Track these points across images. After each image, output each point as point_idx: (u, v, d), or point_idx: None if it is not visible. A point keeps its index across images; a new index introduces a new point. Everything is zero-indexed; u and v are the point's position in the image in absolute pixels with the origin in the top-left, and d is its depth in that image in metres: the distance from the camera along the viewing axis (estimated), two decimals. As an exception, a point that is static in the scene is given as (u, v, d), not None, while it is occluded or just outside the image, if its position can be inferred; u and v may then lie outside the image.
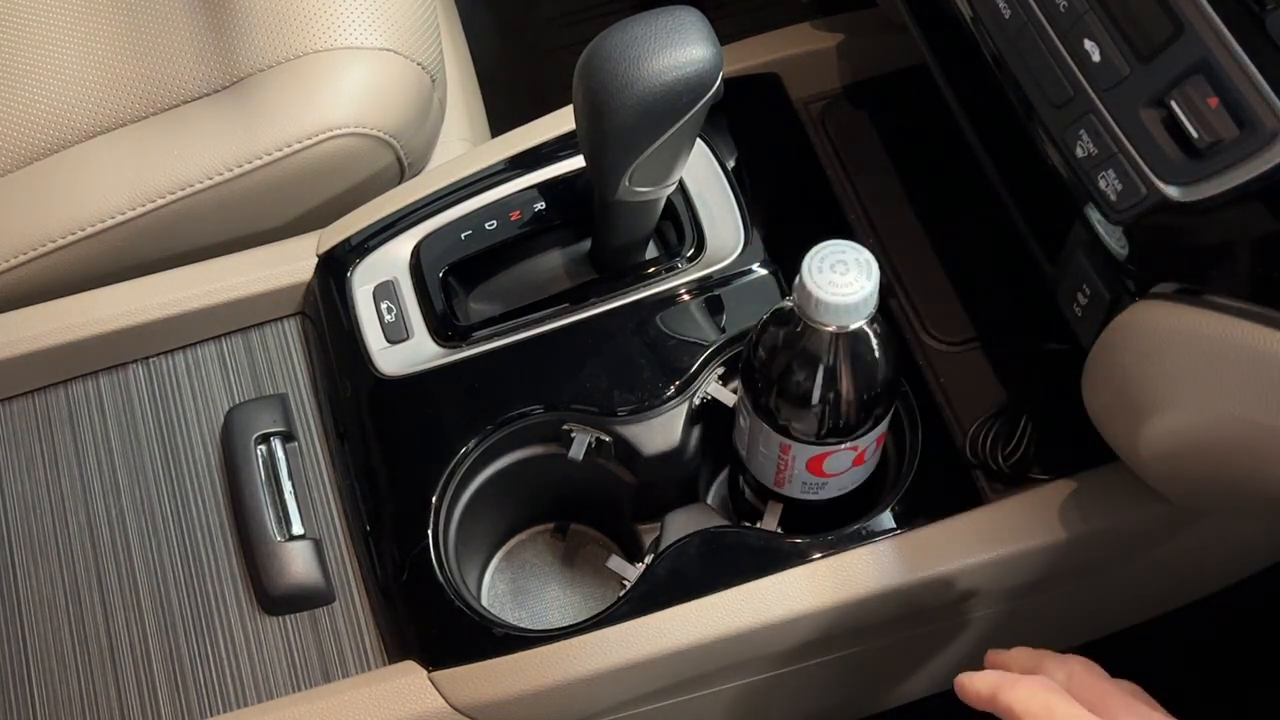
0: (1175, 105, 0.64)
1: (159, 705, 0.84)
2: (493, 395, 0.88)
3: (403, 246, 0.94)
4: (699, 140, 0.90)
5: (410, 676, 0.81)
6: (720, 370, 0.88)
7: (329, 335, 0.93)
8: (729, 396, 0.86)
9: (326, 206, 1.01)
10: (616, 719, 0.87)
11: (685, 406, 0.87)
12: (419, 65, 1.02)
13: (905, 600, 0.83)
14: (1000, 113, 0.79)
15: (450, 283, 0.93)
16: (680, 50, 0.77)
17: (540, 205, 0.94)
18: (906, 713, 1.04)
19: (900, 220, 0.96)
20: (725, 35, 0.82)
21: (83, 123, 1.01)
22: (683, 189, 0.94)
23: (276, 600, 0.86)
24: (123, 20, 1.03)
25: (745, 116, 0.98)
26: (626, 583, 0.85)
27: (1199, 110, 0.63)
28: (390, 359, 0.90)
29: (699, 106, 0.79)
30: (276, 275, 0.96)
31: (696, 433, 0.88)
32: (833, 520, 0.84)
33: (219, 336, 0.96)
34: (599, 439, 0.87)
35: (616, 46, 0.77)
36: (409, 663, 0.82)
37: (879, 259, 0.72)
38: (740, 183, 0.95)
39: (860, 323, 0.72)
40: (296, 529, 0.87)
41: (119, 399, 0.95)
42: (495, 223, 0.93)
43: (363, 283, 0.93)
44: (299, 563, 0.86)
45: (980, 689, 0.66)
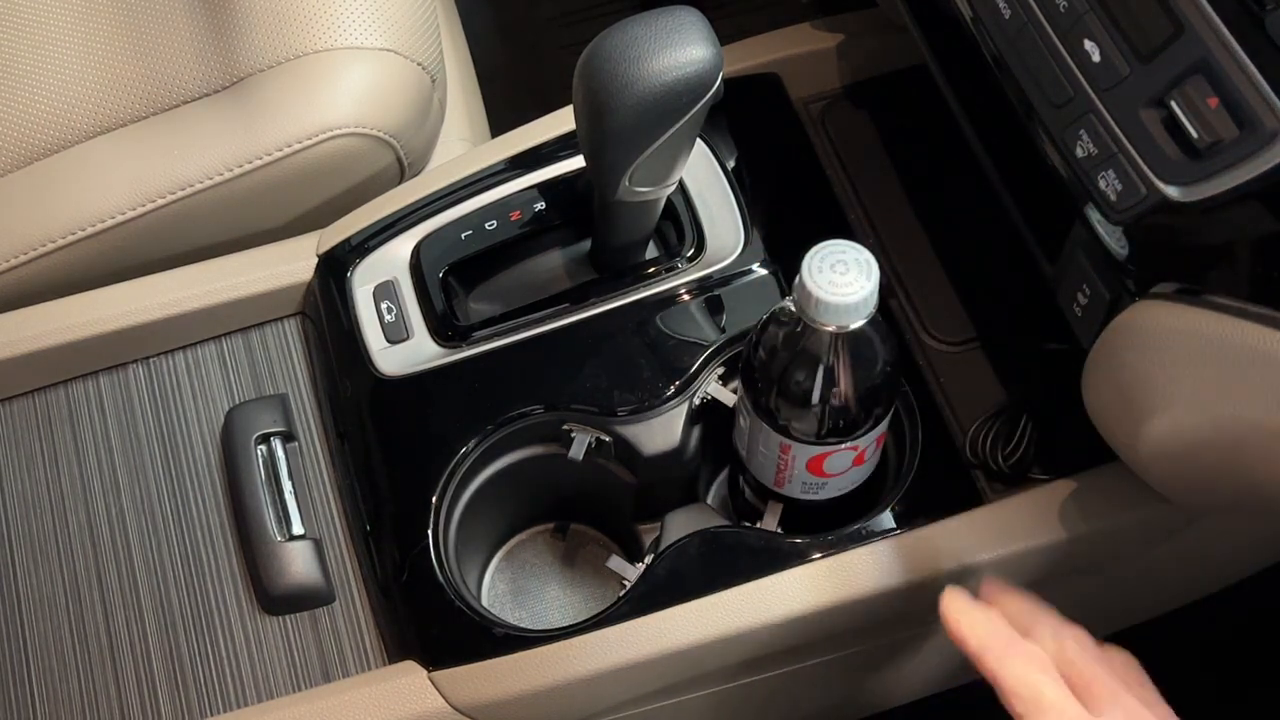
0: (1175, 105, 0.64)
1: (159, 705, 0.84)
2: (493, 395, 0.88)
3: (403, 246, 0.94)
4: (699, 140, 0.90)
5: (410, 676, 0.82)
6: (720, 370, 0.88)
7: (329, 335, 0.93)
8: (729, 396, 0.86)
9: (326, 206, 1.01)
10: (616, 719, 0.87)
11: (685, 406, 0.87)
12: (419, 65, 1.02)
13: (905, 600, 0.83)
14: (1000, 113, 0.79)
15: (450, 283, 0.93)
16: (680, 50, 0.77)
17: (540, 205, 0.94)
18: (907, 713, 1.04)
19: (900, 220, 0.96)
20: (725, 35, 0.82)
21: (83, 123, 1.01)
22: (683, 189, 0.94)
23: (276, 600, 0.86)
24: (123, 20, 1.03)
25: (745, 116, 0.98)
26: (626, 583, 0.85)
27: (1199, 110, 0.63)
28: (390, 359, 0.90)
29: (699, 106, 0.79)
30: (276, 275, 0.96)
31: (696, 433, 0.88)
32: (833, 520, 0.84)
33: (219, 336, 0.96)
34: (599, 439, 0.87)
35: (616, 46, 0.77)
36: (409, 663, 0.82)
37: (879, 259, 0.72)
38: (740, 183, 0.95)
39: (860, 323, 0.72)
40: (296, 529, 0.87)
41: (119, 399, 0.95)
42: (495, 223, 0.93)
43: (363, 283, 0.93)
44: (299, 563, 0.86)
45: (969, 639, 0.62)
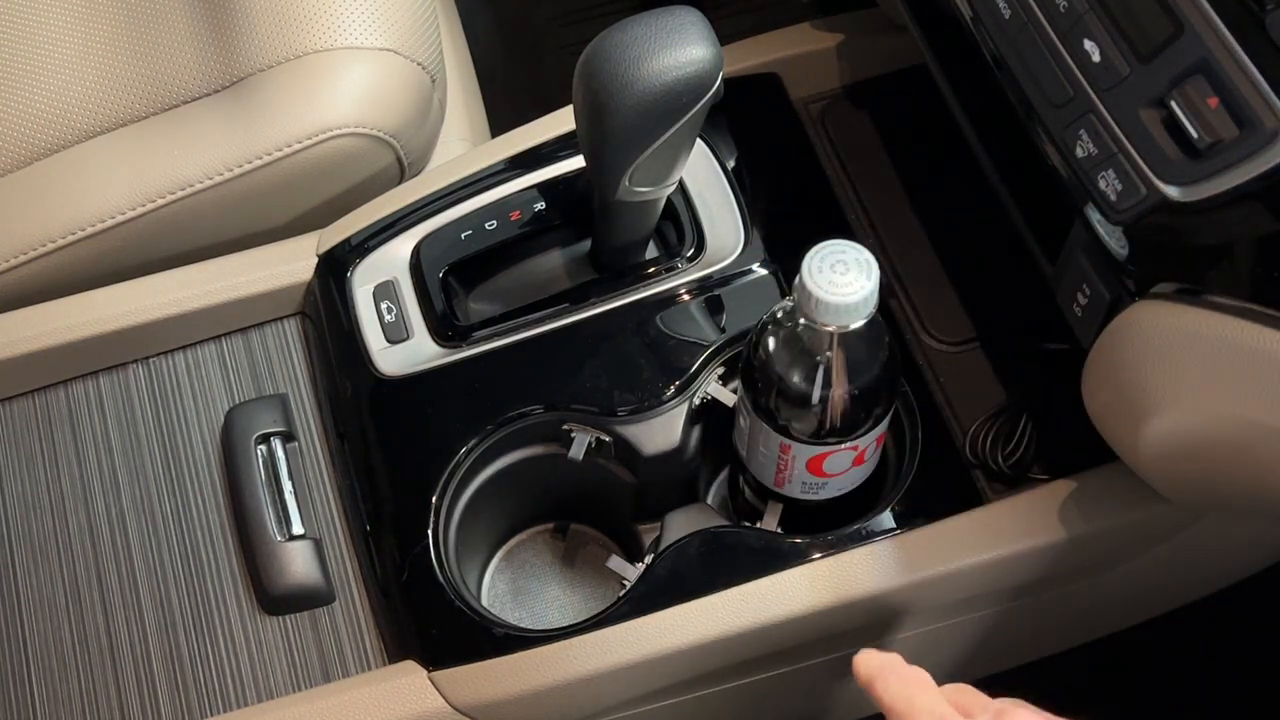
0: (1175, 105, 0.64)
1: (159, 705, 0.84)
2: (493, 395, 0.88)
3: (403, 246, 0.94)
4: (699, 140, 0.90)
5: (410, 676, 0.81)
6: (720, 370, 0.88)
7: (329, 335, 0.93)
8: (729, 396, 0.86)
9: (326, 206, 1.01)
10: (616, 719, 0.87)
11: (685, 406, 0.87)
12: (419, 65, 1.02)
13: (905, 600, 0.83)
14: (1000, 113, 0.79)
15: (450, 283, 0.93)
16: (680, 50, 0.77)
17: (540, 205, 0.94)
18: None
19: (900, 220, 0.96)
20: (725, 35, 0.82)
21: (83, 123, 1.01)
22: (683, 189, 0.94)
23: (276, 600, 0.86)
24: (123, 20, 1.03)
25: (745, 116, 0.98)
26: (626, 583, 0.85)
27: (1199, 110, 0.63)
28: (390, 359, 0.90)
29: (699, 106, 0.79)
30: (276, 275, 0.96)
31: (696, 433, 0.88)
32: (833, 520, 0.84)
33: (219, 336, 0.96)
34: (599, 439, 0.87)
35: (616, 46, 0.77)
36: (409, 663, 0.82)
37: (879, 259, 0.72)
38: (740, 183, 0.95)
39: (860, 323, 0.72)
40: (296, 529, 0.87)
41: (119, 399, 0.95)
42: (495, 223, 0.93)
43: (363, 283, 0.93)
44: (299, 563, 0.86)
45: (861, 671, 0.67)
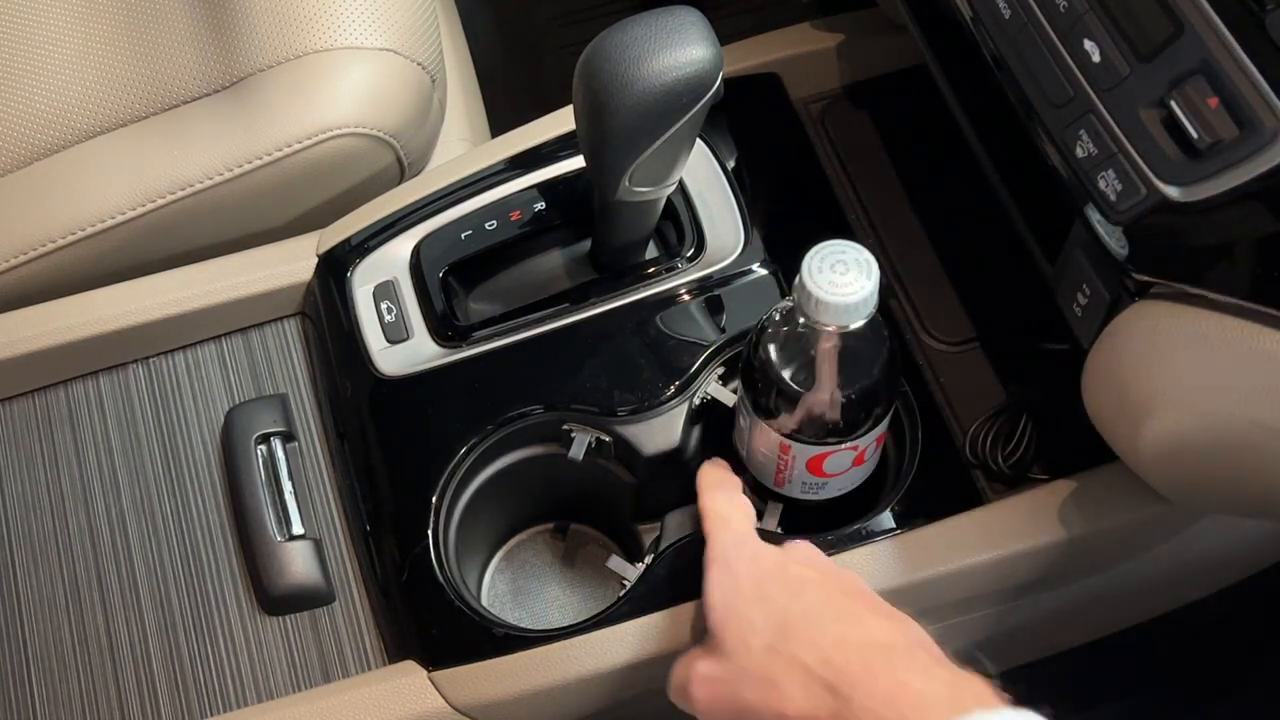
0: (1175, 105, 0.64)
1: (159, 705, 0.84)
2: (493, 395, 0.88)
3: (403, 246, 0.94)
4: (699, 140, 0.90)
5: (410, 676, 0.81)
6: (720, 370, 0.88)
7: (329, 335, 0.93)
8: (729, 396, 0.86)
9: (326, 206, 1.01)
10: (616, 719, 0.87)
11: (685, 406, 0.87)
12: (419, 65, 1.02)
13: (905, 600, 0.83)
14: (1000, 113, 0.79)
15: (450, 283, 0.93)
16: (680, 50, 0.77)
17: (540, 205, 0.94)
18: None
19: (900, 220, 0.96)
20: (725, 35, 0.82)
21: (83, 123, 1.01)
22: (683, 189, 0.94)
23: (276, 600, 0.86)
24: (123, 20, 1.03)
25: (745, 116, 0.98)
26: (626, 583, 0.85)
27: (1199, 110, 0.63)
28: (390, 359, 0.90)
29: (699, 106, 0.79)
30: (276, 275, 0.96)
31: (696, 433, 0.88)
32: (833, 520, 0.84)
33: (219, 336, 0.96)
34: (599, 439, 0.87)
35: (616, 46, 0.77)
36: (409, 663, 0.82)
37: (879, 259, 0.72)
38: (740, 183, 0.95)
39: (860, 322, 0.72)
40: (296, 529, 0.87)
41: (119, 399, 0.95)
42: (495, 223, 0.93)
43: (363, 283, 0.93)
44: (299, 563, 0.86)
45: (700, 476, 0.77)
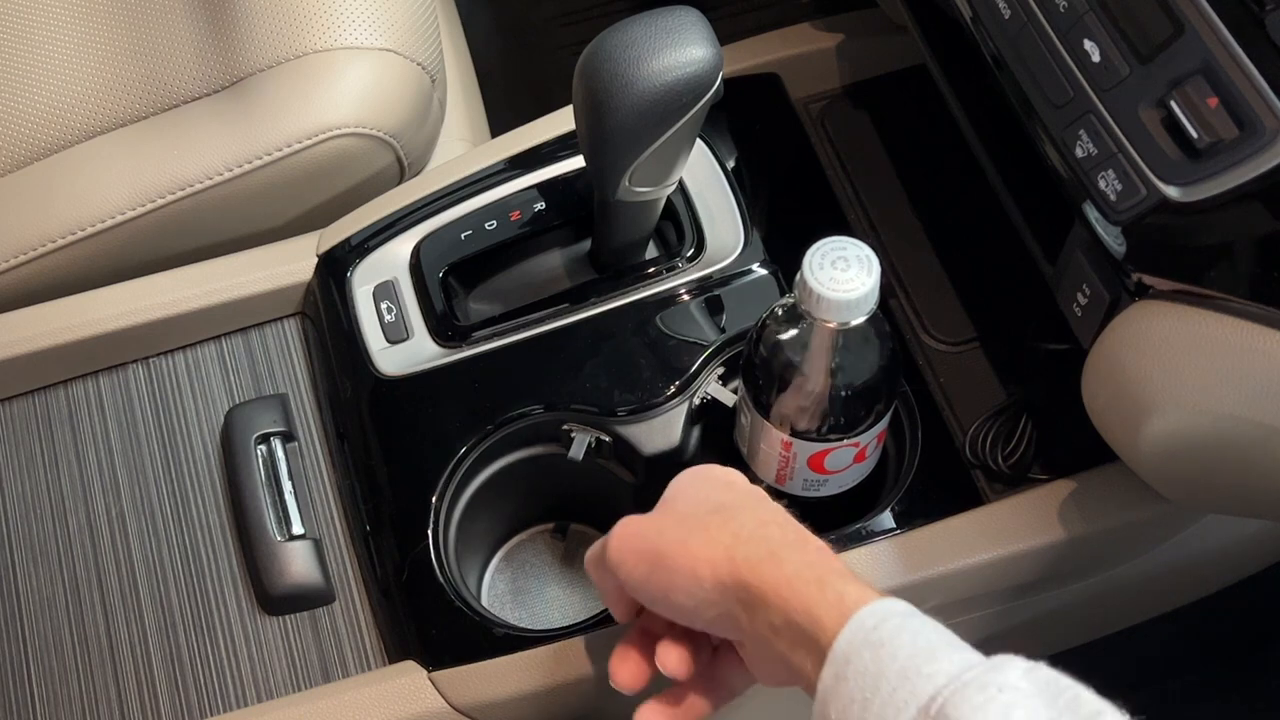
0: (1175, 105, 0.64)
1: (159, 705, 0.84)
2: (493, 395, 0.88)
3: (403, 246, 0.94)
4: (699, 140, 0.90)
5: (410, 676, 0.81)
6: (720, 370, 0.88)
7: (329, 335, 0.93)
8: (729, 396, 0.86)
9: (326, 206, 1.01)
10: (617, 718, 0.87)
11: (685, 406, 0.87)
12: (419, 65, 1.02)
13: (905, 600, 0.83)
14: (1000, 113, 0.79)
15: (450, 283, 0.93)
16: (680, 50, 0.77)
17: (540, 205, 0.94)
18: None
19: (900, 220, 0.96)
20: (725, 35, 0.82)
21: (83, 123, 1.01)
22: (683, 189, 0.94)
23: (276, 600, 0.86)
24: (123, 20, 1.03)
25: (745, 116, 0.98)
26: (626, 583, 0.85)
27: (1199, 110, 0.63)
28: (390, 359, 0.90)
29: (699, 106, 0.79)
30: (276, 275, 0.96)
31: (696, 433, 0.88)
32: (833, 520, 0.84)
33: (219, 336, 0.96)
34: (599, 439, 0.87)
35: (616, 46, 0.77)
36: (409, 663, 0.82)
37: (879, 259, 0.72)
38: (740, 183, 0.95)
39: (861, 319, 0.72)
40: (296, 529, 0.87)
41: (119, 399, 0.95)
42: (495, 223, 0.93)
43: (363, 283, 0.93)
44: (299, 563, 0.86)
45: (588, 560, 0.74)
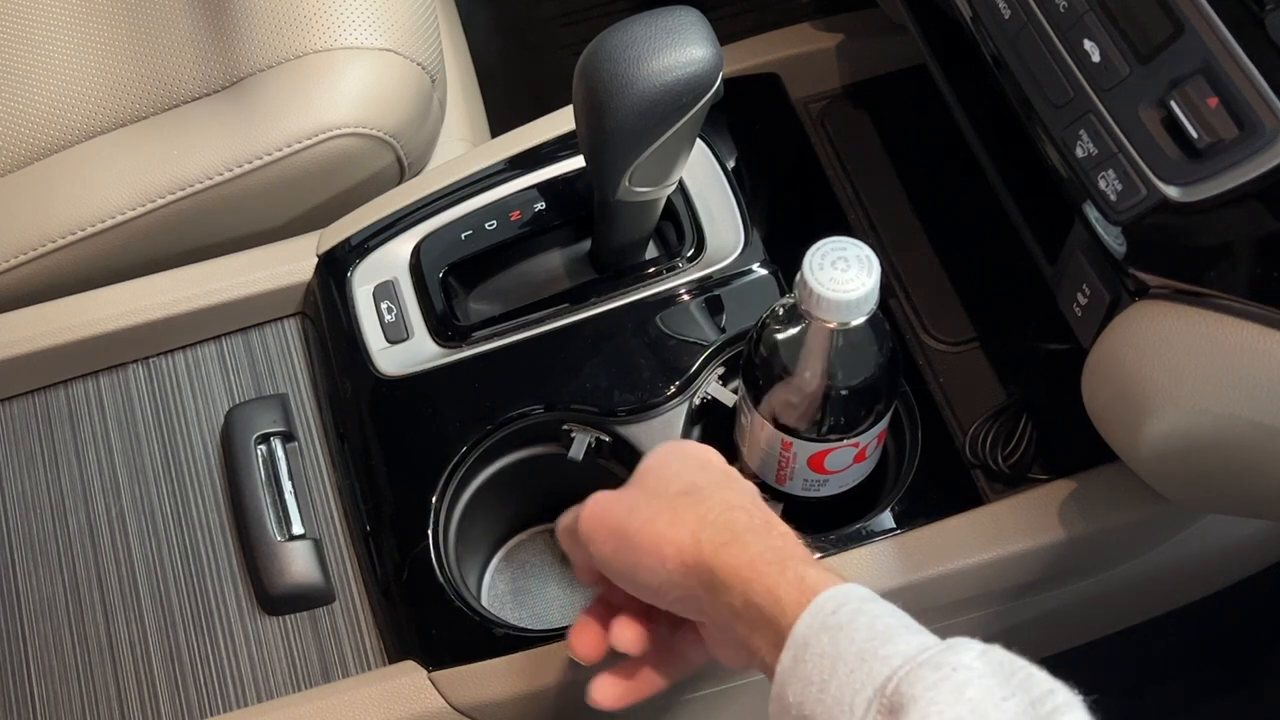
0: (1175, 105, 0.64)
1: (159, 705, 0.84)
2: (493, 395, 0.88)
3: (403, 246, 0.94)
4: (699, 140, 0.90)
5: (410, 676, 0.82)
6: (720, 370, 0.88)
7: (329, 335, 0.93)
8: (729, 396, 0.86)
9: (326, 206, 1.01)
10: (617, 718, 0.87)
11: (685, 406, 0.87)
12: (419, 65, 1.02)
13: (905, 601, 0.82)
14: (1000, 113, 0.79)
15: (450, 283, 0.93)
16: (680, 50, 0.77)
17: (540, 205, 0.94)
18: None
19: (900, 220, 0.96)
20: (725, 35, 0.82)
21: (83, 123, 1.01)
22: (683, 189, 0.94)
23: (276, 600, 0.86)
24: (123, 20, 1.03)
25: (745, 116, 0.98)
26: (626, 583, 0.85)
27: (1199, 110, 0.63)
28: (390, 359, 0.90)
29: (699, 106, 0.79)
30: (276, 275, 0.96)
31: (696, 433, 0.88)
32: (833, 520, 0.84)
33: (219, 336, 0.96)
34: (599, 439, 0.87)
35: (616, 46, 0.77)
36: (409, 663, 0.82)
37: (879, 258, 0.72)
38: (740, 183, 0.95)
39: (861, 319, 0.72)
40: (296, 529, 0.87)
41: (119, 399, 0.95)
42: (495, 223, 0.93)
43: (363, 283, 0.93)
44: (299, 563, 0.86)
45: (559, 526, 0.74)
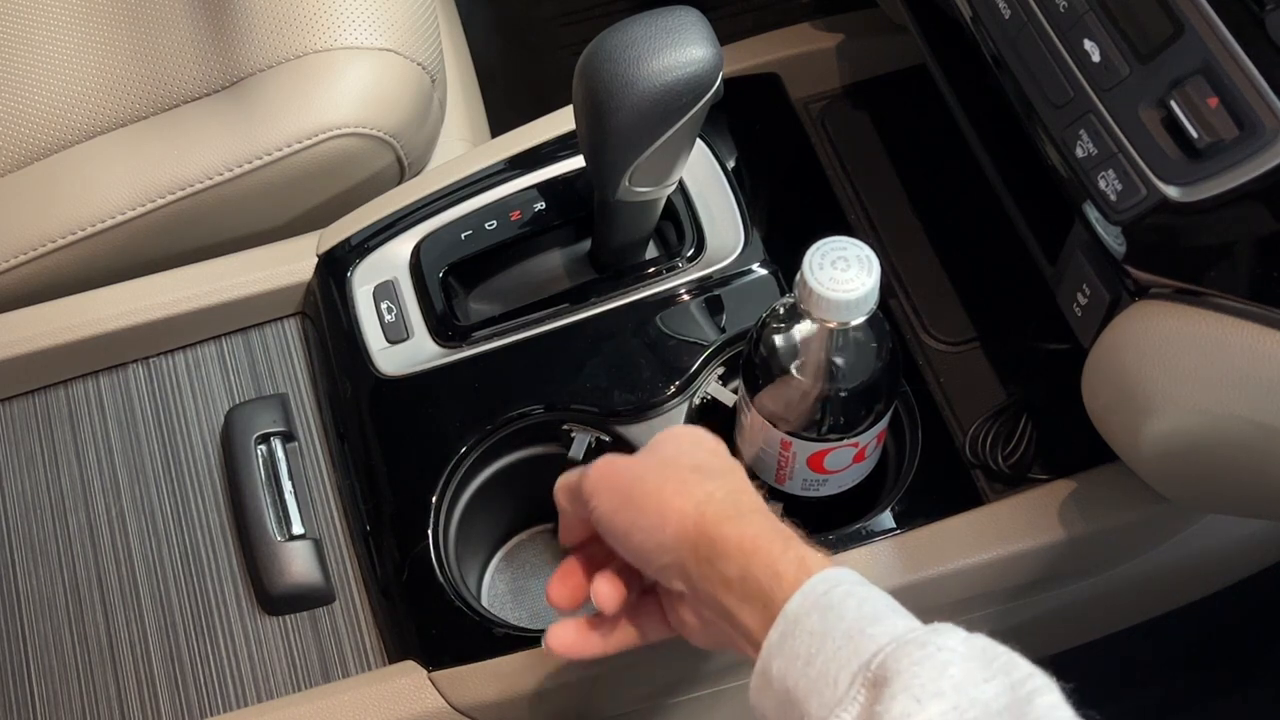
0: (1175, 105, 0.64)
1: (159, 705, 0.84)
2: (493, 395, 0.88)
3: (403, 246, 0.94)
4: (699, 140, 0.90)
5: (410, 676, 0.82)
6: (720, 370, 0.88)
7: (329, 335, 0.93)
8: (729, 396, 0.86)
9: (326, 206, 1.01)
10: (616, 718, 0.87)
11: (685, 406, 0.87)
12: (419, 65, 1.02)
13: (905, 600, 0.83)
14: (1000, 113, 0.79)
15: (450, 283, 0.93)
16: (680, 50, 0.77)
17: (540, 205, 0.94)
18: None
19: (900, 220, 0.96)
20: (725, 35, 0.82)
21: (83, 123, 1.01)
22: (683, 189, 0.94)
23: (276, 600, 0.86)
24: (123, 20, 1.03)
25: (745, 116, 0.98)
26: (626, 582, 0.85)
27: (1199, 110, 0.63)
28: (390, 359, 0.90)
29: (699, 106, 0.79)
30: (276, 275, 0.96)
31: (696, 433, 0.88)
32: (833, 520, 0.84)
33: (219, 336, 0.96)
34: (599, 439, 0.87)
35: (616, 46, 0.77)
36: (409, 663, 0.82)
37: (879, 258, 0.72)
38: (740, 183, 0.95)
39: (861, 319, 0.72)
40: (296, 529, 0.87)
41: (119, 399, 0.95)
42: (495, 223, 0.93)
43: (363, 283, 0.93)
44: (299, 563, 0.86)
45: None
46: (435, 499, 0.85)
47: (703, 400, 0.87)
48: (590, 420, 0.87)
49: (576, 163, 0.95)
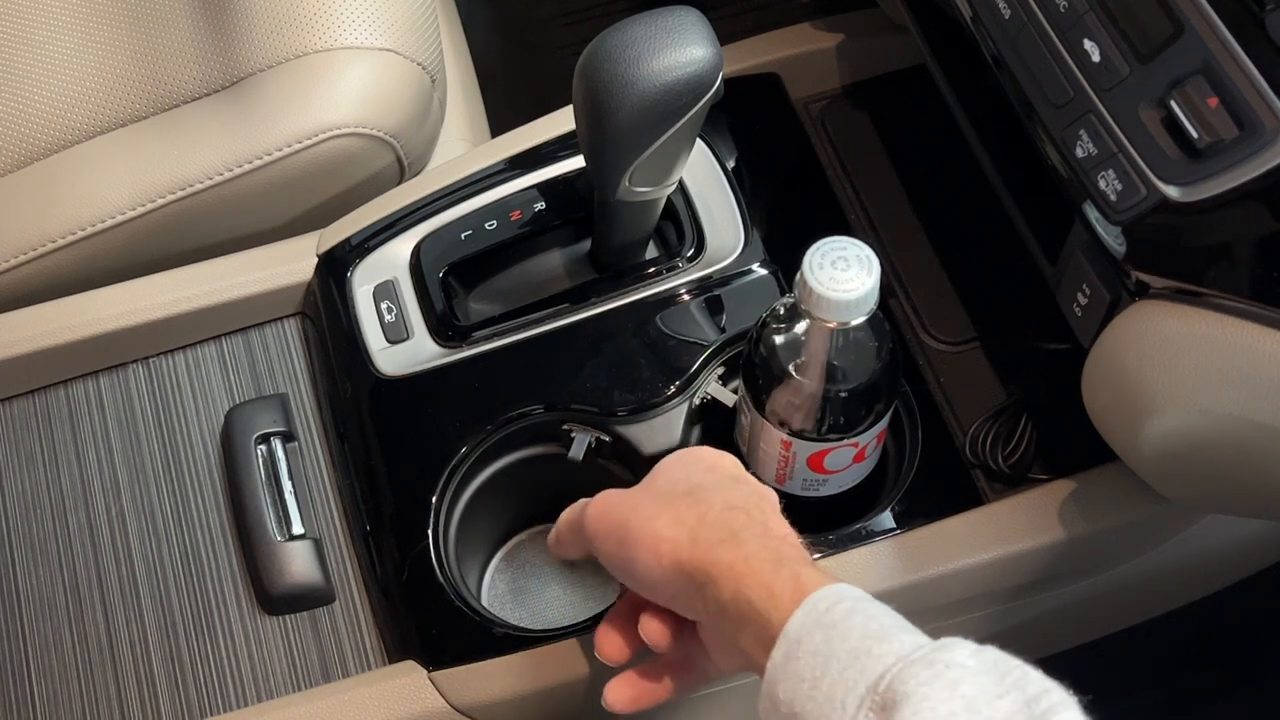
0: (1175, 105, 0.64)
1: (159, 705, 0.84)
2: (493, 395, 0.88)
3: (403, 246, 0.94)
4: (699, 140, 0.90)
5: (410, 676, 0.82)
6: (720, 370, 0.88)
7: (329, 335, 0.93)
8: (729, 396, 0.86)
9: (326, 206, 1.01)
10: (616, 718, 0.87)
11: (685, 406, 0.87)
12: (419, 65, 1.02)
13: (905, 601, 0.83)
14: (1000, 113, 0.79)
15: (450, 283, 0.93)
16: (680, 50, 0.77)
17: (540, 205, 0.94)
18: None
19: (900, 220, 0.96)
20: (725, 35, 0.82)
21: (83, 123, 1.01)
22: (683, 189, 0.94)
23: (276, 600, 0.86)
24: (123, 20, 1.03)
25: (745, 116, 0.98)
26: (626, 582, 0.85)
27: (1199, 110, 0.63)
28: (390, 359, 0.90)
29: (699, 106, 0.79)
30: (276, 275, 0.96)
31: (696, 433, 0.88)
32: (833, 520, 0.84)
33: (219, 336, 0.96)
34: (599, 439, 0.87)
35: (616, 46, 0.77)
36: (409, 663, 0.82)
37: (879, 258, 0.72)
38: (740, 183, 0.95)
39: (861, 319, 0.72)
40: (296, 529, 0.87)
41: (119, 399, 0.95)
42: (495, 223, 0.93)
43: (363, 283, 0.93)
44: (299, 563, 0.86)
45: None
46: (435, 499, 0.85)
47: (703, 400, 0.87)
48: (590, 420, 0.87)
49: (576, 163, 0.95)
